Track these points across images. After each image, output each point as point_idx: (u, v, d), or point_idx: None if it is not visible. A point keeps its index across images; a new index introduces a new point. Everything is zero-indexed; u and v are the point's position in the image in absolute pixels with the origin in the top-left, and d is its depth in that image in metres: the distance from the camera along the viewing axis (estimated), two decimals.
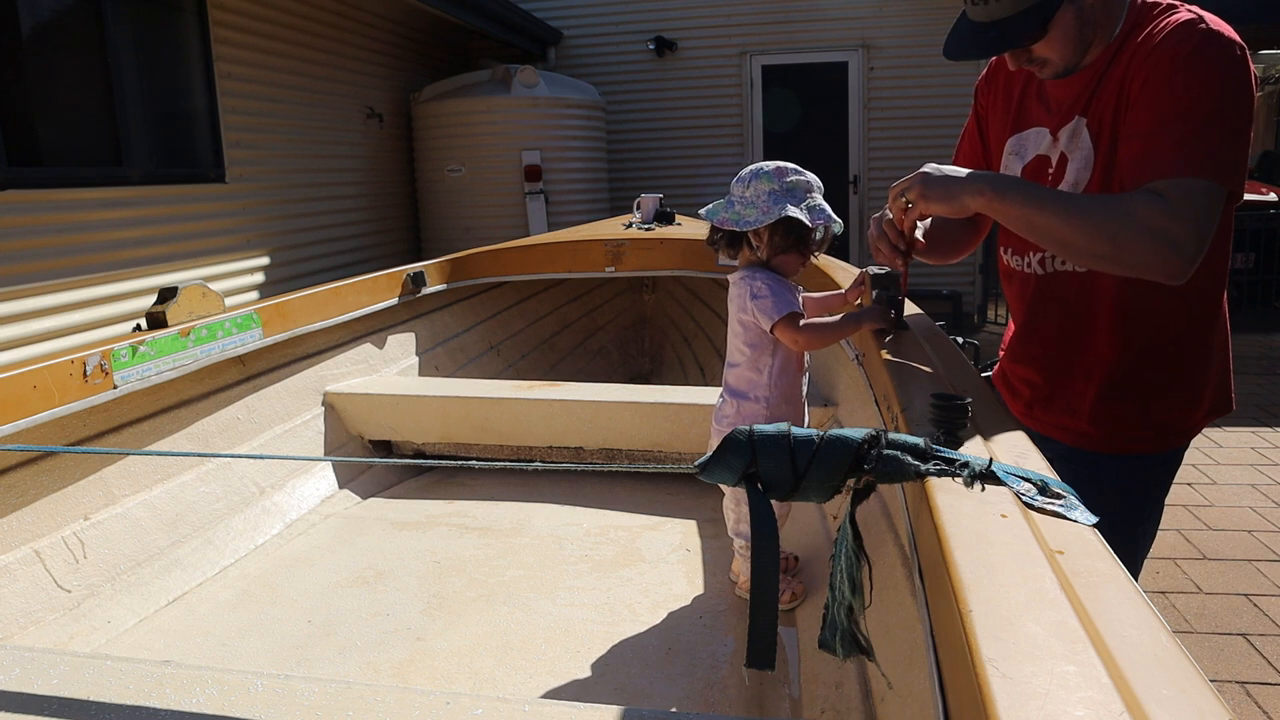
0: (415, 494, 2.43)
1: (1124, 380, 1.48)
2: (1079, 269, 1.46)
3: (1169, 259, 1.24)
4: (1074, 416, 1.53)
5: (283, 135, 5.70)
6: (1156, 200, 1.24)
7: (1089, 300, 1.47)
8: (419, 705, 0.89)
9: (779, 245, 1.62)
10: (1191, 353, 1.48)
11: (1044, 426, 1.59)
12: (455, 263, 3.28)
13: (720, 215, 1.62)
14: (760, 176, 1.59)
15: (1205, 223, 1.25)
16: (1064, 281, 1.50)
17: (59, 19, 4.10)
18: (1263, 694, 2.39)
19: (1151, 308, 1.43)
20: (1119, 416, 1.49)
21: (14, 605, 1.59)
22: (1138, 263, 1.27)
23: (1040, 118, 1.52)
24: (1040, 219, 1.30)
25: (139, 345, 1.92)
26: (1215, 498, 3.75)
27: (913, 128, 7.86)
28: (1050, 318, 1.54)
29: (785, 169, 1.60)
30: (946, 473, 0.88)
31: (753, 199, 1.59)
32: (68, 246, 4.02)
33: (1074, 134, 1.44)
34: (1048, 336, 1.56)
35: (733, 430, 0.88)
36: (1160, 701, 0.54)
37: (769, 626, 0.87)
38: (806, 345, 1.64)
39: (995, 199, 1.32)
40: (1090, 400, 1.50)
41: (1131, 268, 1.28)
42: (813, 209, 1.58)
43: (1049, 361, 1.57)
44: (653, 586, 1.81)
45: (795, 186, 1.59)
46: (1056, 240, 1.31)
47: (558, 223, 6.80)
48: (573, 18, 8.42)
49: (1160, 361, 1.47)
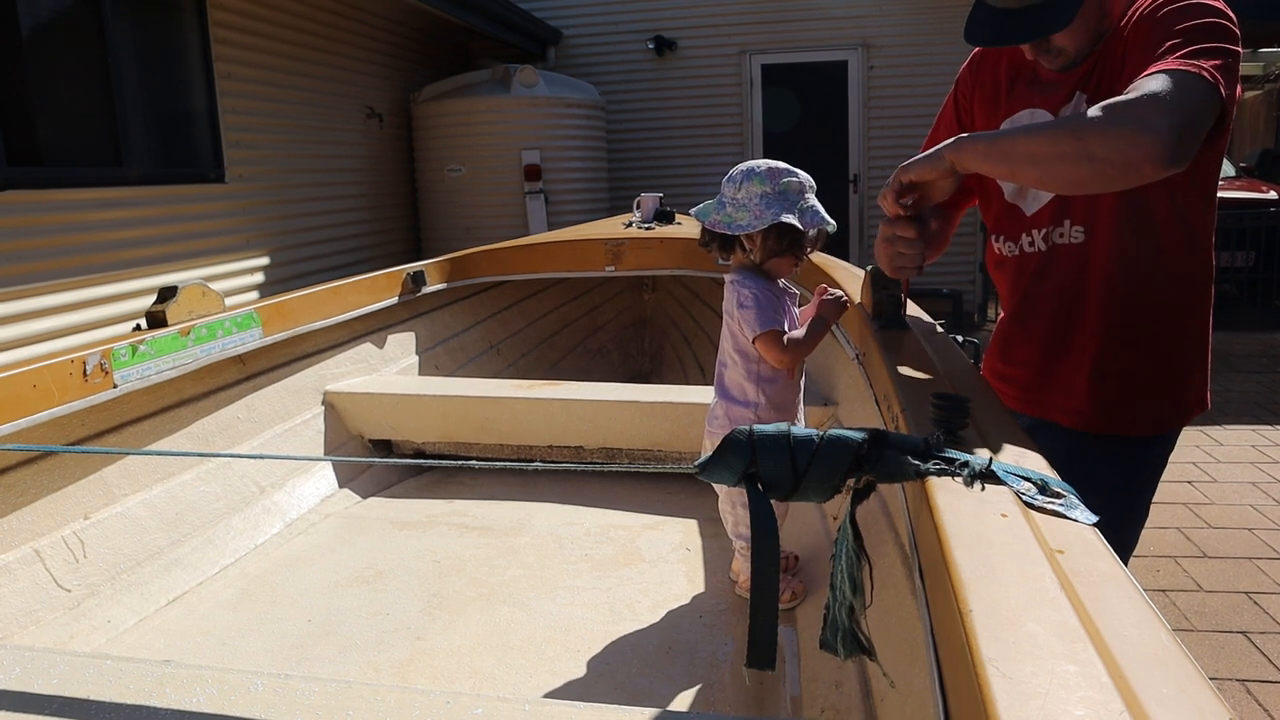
0: (415, 493, 2.43)
1: (1116, 358, 1.49)
2: (1074, 239, 1.47)
3: (1139, 139, 1.14)
4: (1070, 395, 1.54)
5: (283, 135, 5.70)
6: (1125, 93, 1.20)
7: (1083, 276, 1.48)
8: (419, 705, 0.89)
9: (772, 249, 1.60)
10: (1181, 335, 1.50)
11: (1040, 409, 1.59)
12: (455, 262, 3.28)
13: (711, 217, 1.60)
14: (752, 178, 1.56)
15: (1181, 101, 1.15)
16: (1060, 255, 1.50)
17: (59, 19, 4.10)
18: (1263, 692, 2.39)
19: (1145, 287, 1.45)
20: (1113, 395, 1.51)
21: (14, 605, 1.59)
22: (1109, 153, 1.17)
23: (1034, 100, 1.53)
24: (1009, 143, 1.30)
25: (139, 345, 1.92)
26: (1216, 496, 3.75)
27: (913, 127, 7.85)
28: (1046, 295, 1.55)
29: (777, 170, 1.57)
30: (946, 472, 0.88)
31: (745, 201, 1.56)
32: (68, 246, 4.02)
33: (1075, 109, 1.45)
34: (1044, 315, 1.56)
35: (733, 430, 0.88)
36: (1160, 700, 0.54)
37: (769, 626, 0.87)
38: (790, 362, 1.62)
39: (967, 141, 1.33)
40: (1084, 377, 1.52)
41: (1108, 164, 1.18)
42: (805, 211, 1.56)
43: (1046, 340, 1.57)
44: (653, 586, 1.81)
45: (788, 189, 1.56)
46: (1027, 157, 1.27)
47: (558, 222, 6.80)
48: (572, 17, 8.42)
49: (1151, 341, 1.49)
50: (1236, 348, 6.64)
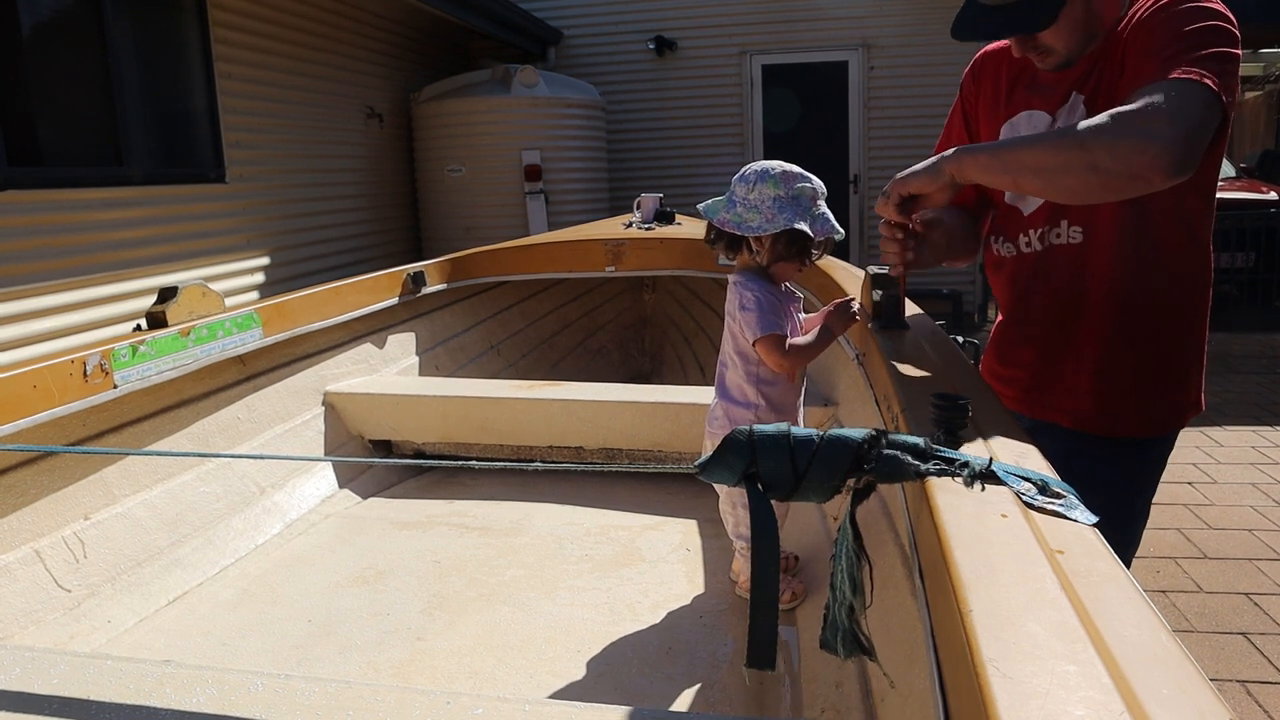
0: (415, 494, 2.43)
1: (1117, 358, 1.49)
2: (1072, 239, 1.47)
3: (1146, 148, 1.15)
4: (1070, 397, 1.54)
5: (283, 135, 5.70)
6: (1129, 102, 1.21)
7: (1082, 277, 1.48)
8: (419, 705, 0.89)
9: (780, 253, 1.59)
10: (1180, 335, 1.50)
11: (1040, 410, 1.59)
12: (455, 262, 3.28)
13: (720, 215, 1.58)
14: (766, 180, 1.55)
15: (1186, 111, 1.17)
16: (1058, 256, 1.50)
17: (59, 19, 4.10)
18: (1263, 693, 2.39)
19: (1144, 287, 1.44)
20: (1114, 396, 1.51)
21: (14, 605, 1.59)
22: (1115, 164, 1.18)
23: (1033, 102, 1.53)
24: (1011, 154, 1.31)
25: (139, 345, 1.92)
26: (1216, 497, 3.75)
27: (913, 127, 7.85)
28: (1045, 296, 1.55)
29: (791, 174, 1.56)
30: (946, 473, 0.88)
31: (756, 203, 1.55)
32: (68, 246, 4.02)
33: (1072, 110, 1.45)
34: (1043, 316, 1.56)
35: (733, 430, 0.88)
36: (1160, 701, 0.54)
37: (769, 626, 0.87)
38: (790, 367, 1.62)
39: (966, 153, 1.33)
40: (1085, 378, 1.51)
41: (1114, 174, 1.19)
42: (817, 218, 1.55)
43: (1045, 341, 1.57)
44: (653, 586, 1.81)
45: (801, 194, 1.55)
46: (1031, 168, 1.28)
47: (558, 222, 6.80)
48: (573, 17, 8.42)
49: (1151, 341, 1.48)
50: (1236, 348, 6.64)
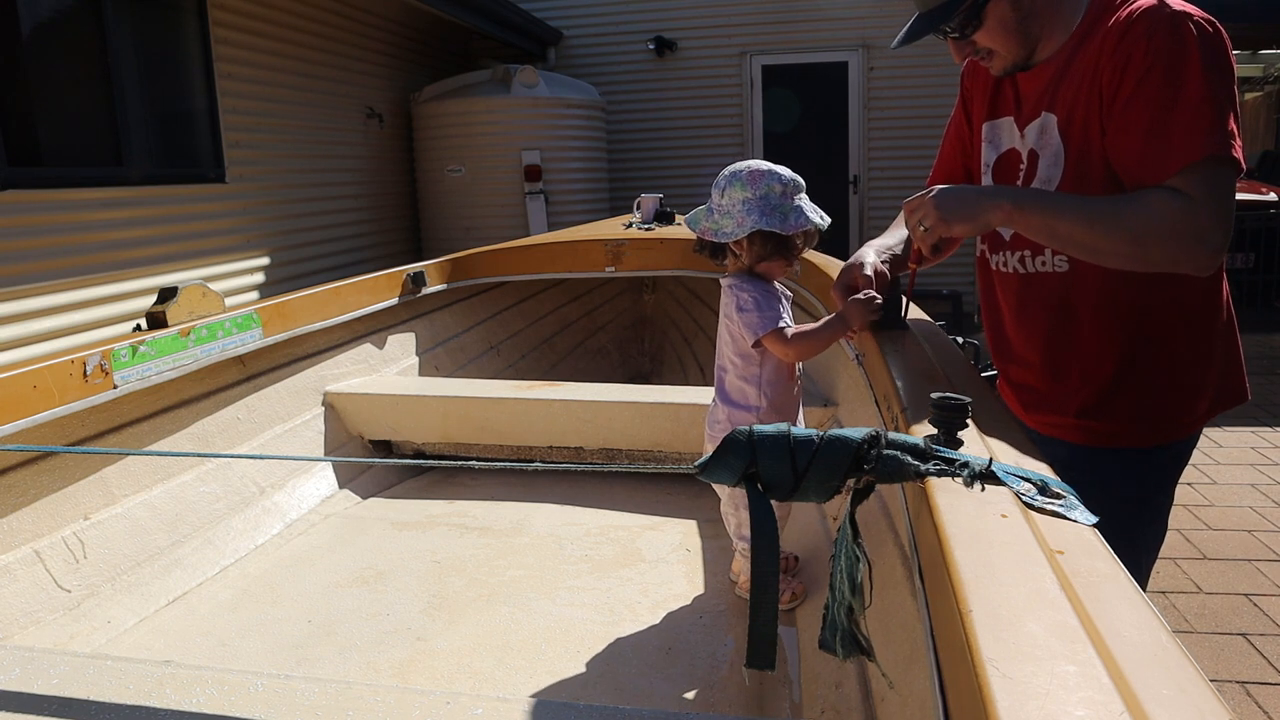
0: (415, 494, 2.43)
1: (1119, 375, 1.47)
2: (1058, 268, 1.47)
3: (1196, 252, 1.26)
4: (1074, 415, 1.53)
5: (283, 135, 5.70)
6: (1174, 196, 1.25)
7: (1072, 299, 1.47)
8: (419, 705, 0.89)
9: (759, 254, 1.60)
10: (1187, 343, 1.47)
11: (1045, 427, 1.58)
12: (455, 263, 3.28)
13: (701, 225, 1.61)
14: (734, 183, 1.55)
15: (1225, 206, 1.25)
16: (1044, 282, 1.50)
17: (59, 19, 4.10)
18: (1263, 694, 2.39)
19: (1136, 303, 1.43)
20: (1118, 411, 1.49)
21: (14, 605, 1.59)
22: (1165, 260, 1.28)
23: (1010, 109, 1.54)
24: (1064, 228, 1.31)
25: (139, 345, 1.92)
26: (1215, 497, 3.75)
27: (913, 128, 7.85)
28: (1037, 320, 1.54)
29: (759, 173, 1.55)
30: (946, 473, 0.88)
31: (728, 208, 1.56)
32: (68, 246, 4.02)
33: (1042, 130, 1.44)
34: (1036, 339, 1.55)
35: (733, 430, 0.88)
36: (1160, 701, 0.54)
37: (769, 626, 0.87)
38: (797, 356, 1.62)
39: (1015, 212, 1.32)
40: (1088, 398, 1.50)
41: (1159, 266, 1.30)
42: (790, 213, 1.54)
43: (1042, 364, 1.56)
44: (653, 586, 1.81)
45: (769, 193, 1.54)
46: (1082, 247, 1.32)
47: (558, 223, 6.80)
48: (573, 18, 8.42)
49: (1153, 354, 1.46)
50: None
